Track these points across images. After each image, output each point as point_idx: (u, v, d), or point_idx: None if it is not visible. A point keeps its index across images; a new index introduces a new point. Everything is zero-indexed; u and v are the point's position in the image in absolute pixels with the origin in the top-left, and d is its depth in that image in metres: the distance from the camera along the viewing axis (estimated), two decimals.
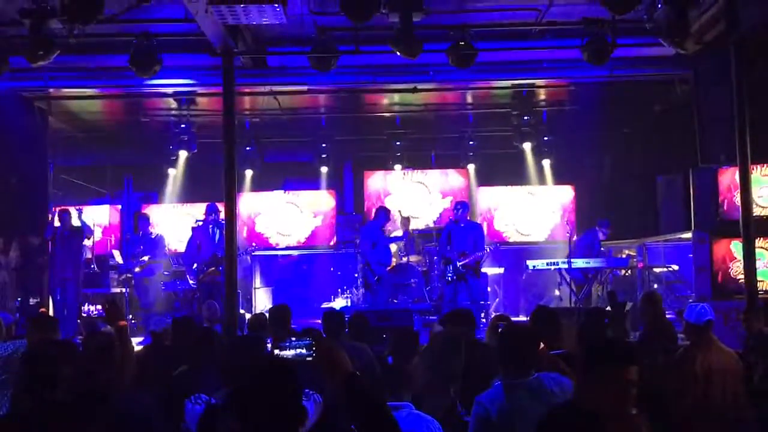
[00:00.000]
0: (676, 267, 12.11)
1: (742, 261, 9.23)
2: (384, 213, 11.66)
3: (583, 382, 3.17)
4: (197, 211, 13.85)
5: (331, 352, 2.84)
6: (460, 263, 10.49)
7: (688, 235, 10.98)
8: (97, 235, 13.89)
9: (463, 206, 11.07)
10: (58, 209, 11.41)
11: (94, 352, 4.36)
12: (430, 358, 4.48)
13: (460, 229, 10.74)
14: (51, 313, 10.57)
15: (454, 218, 10.96)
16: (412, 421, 3.63)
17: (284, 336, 5.20)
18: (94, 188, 16.18)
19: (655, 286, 11.64)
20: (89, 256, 12.35)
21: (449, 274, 10.59)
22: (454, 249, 10.62)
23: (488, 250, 10.93)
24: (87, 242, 11.51)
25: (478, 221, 14.47)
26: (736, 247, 9.98)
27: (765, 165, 10.65)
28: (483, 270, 12.41)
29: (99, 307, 6.17)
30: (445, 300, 10.70)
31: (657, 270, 12.09)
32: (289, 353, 3.14)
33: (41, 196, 12.78)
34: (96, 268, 12.51)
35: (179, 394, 3.85)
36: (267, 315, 7.14)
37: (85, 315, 6.20)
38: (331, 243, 15.08)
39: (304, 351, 3.17)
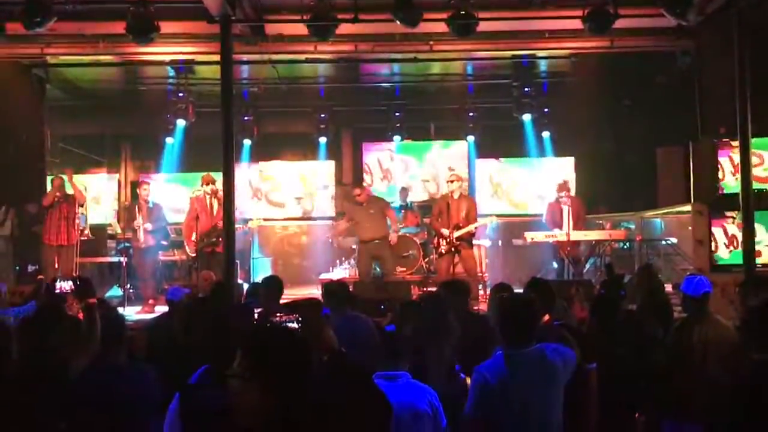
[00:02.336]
0: (674, 240, 12.10)
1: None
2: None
3: None
4: (195, 180, 13.80)
5: (318, 329, 2.81)
6: (455, 235, 10.45)
7: (688, 207, 10.93)
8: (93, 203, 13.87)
9: (457, 178, 11.00)
10: (55, 176, 11.31)
11: (44, 325, 4.10)
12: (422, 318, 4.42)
13: (454, 201, 10.67)
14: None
15: (448, 190, 10.88)
16: (409, 390, 3.62)
17: (275, 308, 5.19)
18: (91, 157, 16.09)
19: (654, 258, 11.63)
20: (84, 223, 12.23)
21: (443, 247, 10.55)
22: (449, 221, 10.55)
23: (484, 223, 10.84)
24: (81, 210, 11.40)
25: (477, 193, 14.44)
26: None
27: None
28: (480, 242, 12.40)
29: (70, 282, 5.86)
30: (441, 272, 10.67)
31: (655, 243, 12.07)
32: None
33: (38, 165, 12.72)
34: (91, 236, 12.43)
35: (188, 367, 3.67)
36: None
37: (57, 291, 5.95)
38: (330, 214, 15.06)
39: (295, 325, 3.17)
